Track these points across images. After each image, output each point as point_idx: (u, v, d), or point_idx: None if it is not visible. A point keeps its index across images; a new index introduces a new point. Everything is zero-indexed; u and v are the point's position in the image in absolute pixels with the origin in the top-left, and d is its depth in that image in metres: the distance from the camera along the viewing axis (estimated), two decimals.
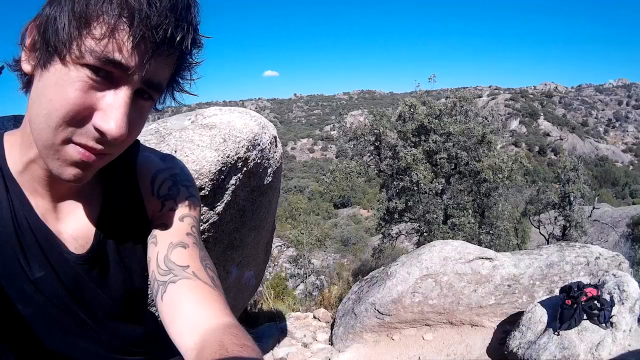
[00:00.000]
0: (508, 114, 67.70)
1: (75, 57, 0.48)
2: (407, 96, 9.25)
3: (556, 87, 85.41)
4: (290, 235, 10.28)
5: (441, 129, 7.87)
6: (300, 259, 9.45)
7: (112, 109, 0.50)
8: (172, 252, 0.65)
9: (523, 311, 3.79)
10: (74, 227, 0.64)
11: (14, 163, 0.58)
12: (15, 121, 0.67)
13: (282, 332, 4.74)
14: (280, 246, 10.35)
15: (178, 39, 0.50)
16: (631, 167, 58.05)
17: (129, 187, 0.70)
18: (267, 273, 7.19)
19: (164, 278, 0.63)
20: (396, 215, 8.71)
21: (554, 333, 3.26)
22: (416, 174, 7.54)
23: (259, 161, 2.60)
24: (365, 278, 4.96)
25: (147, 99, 0.55)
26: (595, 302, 3.24)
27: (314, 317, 5.33)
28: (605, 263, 4.30)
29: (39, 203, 0.60)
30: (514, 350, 3.46)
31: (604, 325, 3.18)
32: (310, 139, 74.40)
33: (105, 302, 0.67)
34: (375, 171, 8.70)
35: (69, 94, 0.48)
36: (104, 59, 0.48)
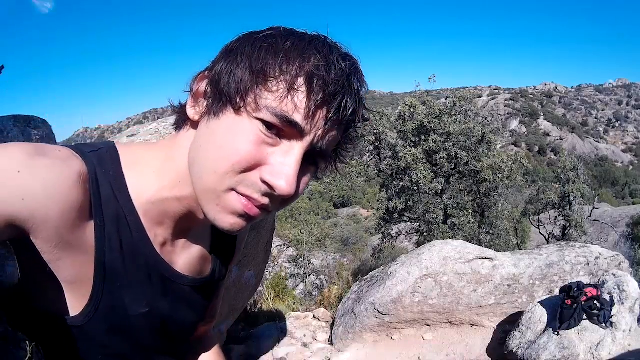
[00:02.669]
0: (508, 114, 67.72)
1: (251, 110, 0.49)
2: (407, 96, 9.25)
3: (556, 87, 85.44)
4: (290, 235, 10.28)
5: (441, 128, 7.87)
6: (300, 259, 9.45)
7: (284, 166, 0.50)
8: (219, 301, 0.81)
9: (523, 311, 3.79)
10: (189, 259, 0.65)
11: (141, 189, 0.55)
12: (15, 121, 0.67)
13: (282, 332, 4.74)
14: (280, 246, 10.34)
15: (351, 110, 0.51)
16: (631, 167, 58.07)
17: (230, 235, 0.71)
18: (267, 273, 7.19)
19: (208, 319, 0.80)
20: (396, 215, 8.71)
21: (553, 333, 3.26)
22: (416, 173, 7.54)
23: None
24: (365, 278, 4.96)
25: (311, 164, 0.55)
26: (595, 302, 3.24)
27: (314, 317, 5.33)
28: (605, 263, 4.30)
29: (156, 234, 0.58)
30: (514, 350, 3.46)
31: (603, 325, 3.18)
32: None
33: (190, 323, 0.70)
34: (375, 171, 8.70)
35: (241, 143, 0.49)
36: (281, 116, 0.48)
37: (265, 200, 0.52)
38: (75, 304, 0.52)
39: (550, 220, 9.69)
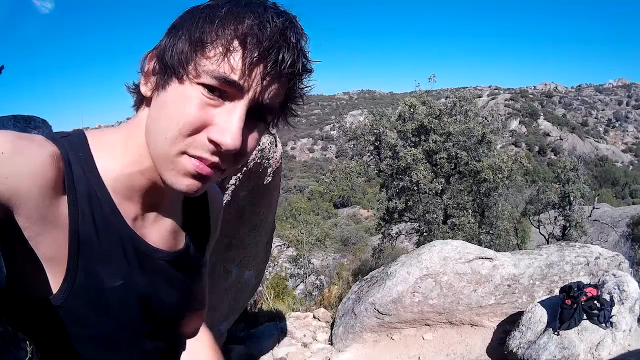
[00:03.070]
0: (508, 114, 67.71)
1: (193, 77, 0.53)
2: (407, 96, 9.25)
3: (556, 87, 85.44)
4: (290, 235, 10.28)
5: (441, 128, 7.87)
6: (300, 259, 9.44)
7: (227, 123, 0.53)
8: (206, 287, 0.81)
9: (523, 311, 3.79)
10: (161, 232, 0.67)
11: (108, 168, 0.59)
12: (15, 121, 0.68)
13: (282, 332, 4.74)
14: (280, 246, 10.34)
15: (289, 62, 0.53)
16: (631, 167, 58.06)
17: (202, 211, 0.76)
18: (267, 273, 7.19)
19: (198, 306, 0.80)
20: (396, 215, 8.71)
21: (553, 333, 3.26)
22: (416, 173, 7.54)
23: (258, 161, 2.60)
24: (365, 278, 4.96)
25: (259, 120, 0.58)
26: (595, 302, 3.24)
27: (314, 317, 5.33)
28: (605, 263, 4.30)
29: (127, 208, 0.61)
30: (514, 350, 3.46)
31: (603, 325, 3.18)
32: (310, 138, 74.43)
33: (173, 303, 0.70)
34: (375, 171, 8.70)
35: (187, 109, 0.53)
36: (219, 78, 0.52)
37: (215, 159, 0.55)
38: (55, 281, 0.54)
39: (550, 220, 9.68)
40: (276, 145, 2.87)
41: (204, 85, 0.52)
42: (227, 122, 0.53)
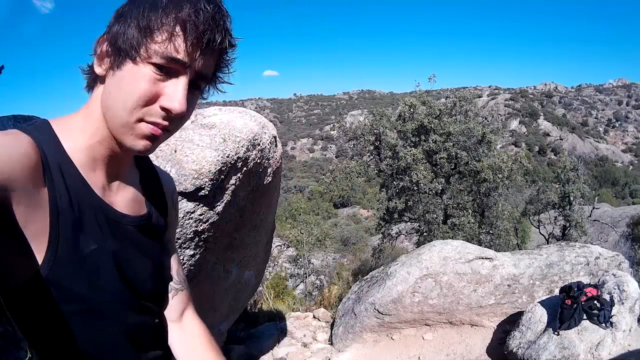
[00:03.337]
0: (508, 114, 67.70)
1: (144, 58, 0.64)
2: (407, 96, 9.25)
3: (556, 87, 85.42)
4: (290, 235, 10.27)
5: (441, 128, 7.87)
6: (300, 259, 9.44)
7: (175, 93, 0.65)
8: (179, 267, 0.93)
9: (523, 311, 3.79)
10: (125, 199, 0.76)
11: (73, 145, 0.68)
12: (15, 121, 0.68)
13: (282, 332, 4.74)
14: (280, 246, 10.34)
15: (219, 40, 0.66)
16: (631, 167, 58.06)
17: (156, 187, 0.87)
18: (267, 273, 7.19)
19: (177, 286, 0.91)
20: (396, 215, 8.71)
21: (553, 333, 3.26)
22: (416, 173, 7.54)
23: (258, 161, 2.60)
24: (365, 278, 4.96)
25: (197, 89, 0.71)
26: (595, 302, 3.24)
27: (314, 317, 5.33)
28: (605, 263, 4.30)
29: (93, 180, 0.70)
30: (514, 350, 3.46)
31: (603, 325, 3.18)
32: (310, 138, 74.40)
33: (147, 273, 0.78)
34: (375, 171, 8.69)
35: (141, 84, 0.64)
36: (167, 57, 0.63)
37: (166, 123, 0.67)
38: (39, 256, 0.60)
39: (550, 220, 9.69)
40: (276, 145, 2.87)
41: (154, 64, 0.64)
42: (175, 92, 0.65)
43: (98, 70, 0.68)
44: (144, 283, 0.76)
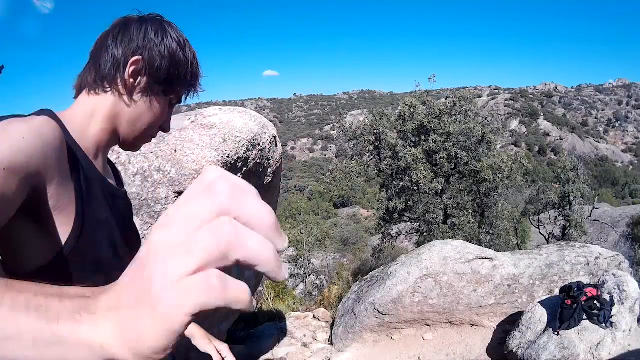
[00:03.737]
0: (508, 114, 67.70)
1: (172, 97, 0.88)
2: (407, 96, 9.24)
3: (556, 87, 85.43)
4: (290, 235, 10.27)
5: (441, 128, 7.87)
6: (300, 259, 9.45)
7: (170, 120, 0.94)
8: None
9: (523, 311, 3.79)
10: (111, 180, 0.91)
11: (79, 135, 0.78)
12: None
13: (282, 332, 4.74)
14: None
15: (198, 79, 0.92)
16: (631, 167, 58.06)
17: (118, 176, 1.01)
18: None
19: None
20: (396, 215, 8.71)
21: (553, 333, 3.26)
22: (416, 173, 7.54)
23: (258, 161, 2.60)
24: (365, 278, 4.96)
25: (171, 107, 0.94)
26: (595, 302, 3.23)
27: (314, 317, 5.33)
28: (605, 263, 4.30)
29: (96, 163, 0.83)
30: (514, 350, 3.46)
31: (603, 325, 3.18)
32: (310, 138, 74.41)
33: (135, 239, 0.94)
34: (375, 171, 8.69)
35: (165, 113, 0.90)
36: (180, 98, 0.91)
37: (156, 135, 0.93)
38: (67, 227, 0.68)
39: (550, 220, 9.69)
40: (276, 145, 2.87)
41: (171, 100, 0.89)
42: (170, 120, 0.93)
43: (128, 83, 0.82)
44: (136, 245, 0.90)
